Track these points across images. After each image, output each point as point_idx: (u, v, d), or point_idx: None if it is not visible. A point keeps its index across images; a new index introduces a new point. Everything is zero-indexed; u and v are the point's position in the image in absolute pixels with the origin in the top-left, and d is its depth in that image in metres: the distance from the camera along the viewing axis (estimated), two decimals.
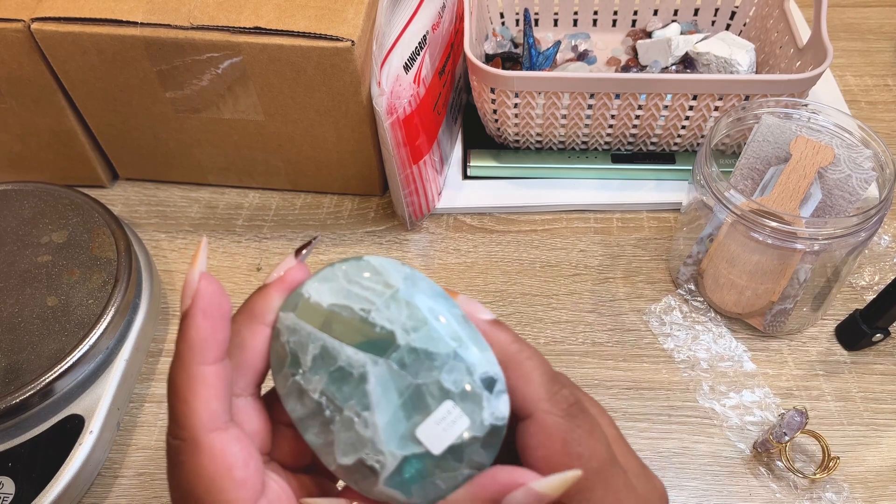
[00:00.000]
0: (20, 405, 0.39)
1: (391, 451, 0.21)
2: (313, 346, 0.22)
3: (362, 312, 0.22)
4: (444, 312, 0.22)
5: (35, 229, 0.46)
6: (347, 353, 0.21)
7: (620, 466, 0.22)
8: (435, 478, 0.21)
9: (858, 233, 0.40)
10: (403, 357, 0.21)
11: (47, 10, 0.45)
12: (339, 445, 0.21)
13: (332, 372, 0.22)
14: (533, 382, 0.22)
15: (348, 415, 0.21)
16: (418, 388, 0.21)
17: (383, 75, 0.45)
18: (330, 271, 0.23)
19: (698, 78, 0.49)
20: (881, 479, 0.41)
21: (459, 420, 0.21)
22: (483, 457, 0.22)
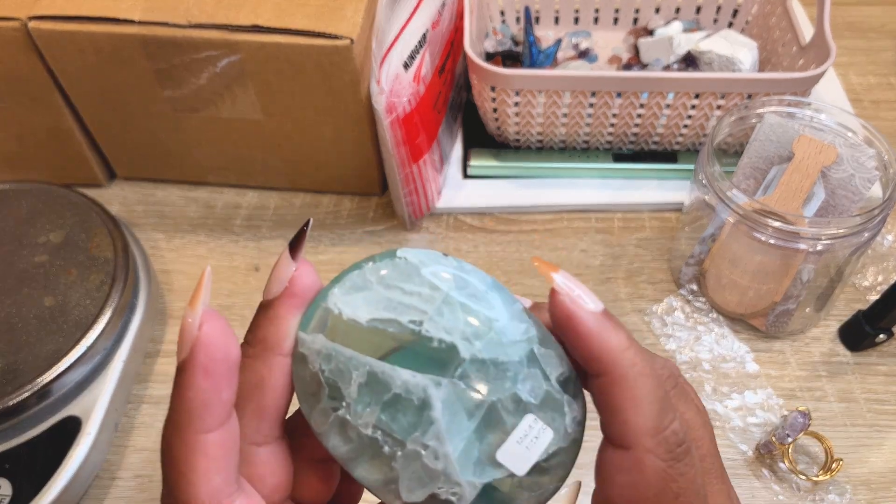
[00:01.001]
0: (17, 406, 0.39)
1: (469, 481, 0.18)
2: (357, 373, 0.18)
3: (412, 325, 0.19)
4: (505, 310, 0.19)
5: (32, 229, 0.46)
6: (403, 378, 0.18)
7: None
8: (520, 500, 0.19)
9: (861, 233, 0.40)
10: (469, 372, 0.18)
11: (44, 9, 0.45)
12: (405, 482, 0.18)
13: (386, 401, 0.18)
14: (641, 410, 0.18)
15: (413, 448, 0.18)
16: (492, 405, 0.18)
17: (383, 74, 0.44)
18: (359, 276, 0.19)
19: (700, 76, 0.49)
20: (884, 480, 0.41)
21: (543, 434, 0.19)
22: (567, 466, 0.19)
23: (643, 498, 0.18)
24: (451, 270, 0.20)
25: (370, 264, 0.20)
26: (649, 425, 0.18)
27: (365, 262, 0.20)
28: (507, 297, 0.20)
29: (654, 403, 0.18)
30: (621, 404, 0.18)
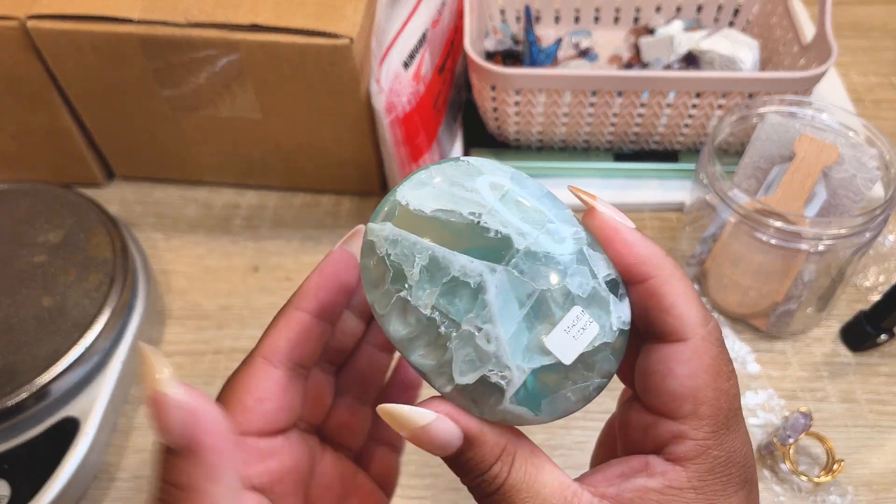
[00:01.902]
0: (15, 407, 0.39)
1: (518, 365, 0.19)
2: (420, 256, 0.20)
3: (472, 217, 0.20)
4: (558, 213, 0.21)
5: (31, 229, 0.46)
6: (461, 262, 0.19)
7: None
8: (566, 390, 0.20)
9: (863, 233, 0.40)
10: (521, 262, 0.19)
11: (43, 8, 0.45)
12: (458, 363, 0.19)
13: (445, 283, 0.19)
14: (693, 304, 0.20)
15: (467, 329, 0.19)
16: (542, 295, 0.19)
17: (382, 73, 0.44)
18: (426, 175, 0.21)
19: (701, 76, 0.49)
20: (886, 481, 0.41)
21: (590, 326, 0.20)
22: (612, 364, 0.20)
23: (704, 384, 0.20)
24: (510, 175, 0.21)
25: (436, 166, 0.21)
26: (701, 317, 0.20)
27: (431, 165, 0.21)
28: (558, 204, 0.21)
29: (697, 299, 0.21)
30: (674, 300, 0.20)
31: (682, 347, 0.20)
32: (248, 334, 0.48)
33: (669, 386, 0.20)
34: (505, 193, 0.20)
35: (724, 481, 0.20)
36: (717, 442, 0.20)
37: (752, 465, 0.21)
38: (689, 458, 0.20)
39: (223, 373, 0.46)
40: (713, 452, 0.20)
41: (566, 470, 0.21)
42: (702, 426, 0.20)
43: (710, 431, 0.20)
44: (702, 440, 0.20)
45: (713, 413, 0.20)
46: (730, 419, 0.20)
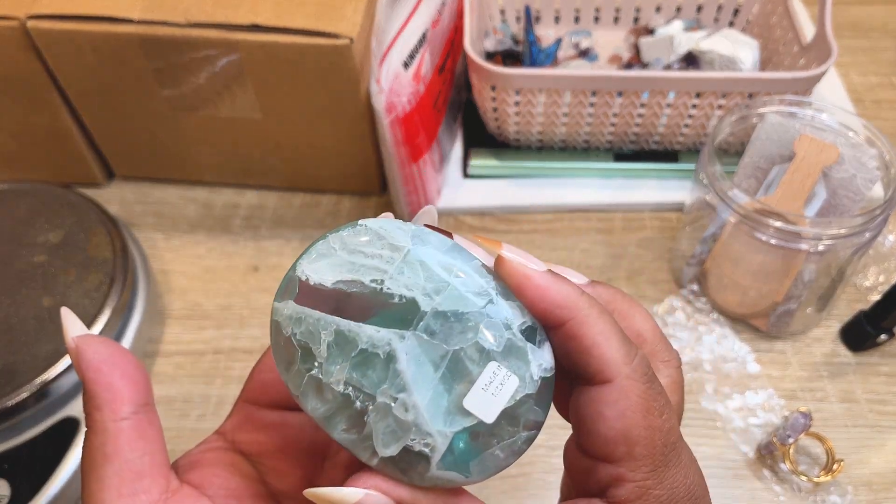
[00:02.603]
0: (15, 407, 0.39)
1: (440, 430, 0.19)
2: (325, 332, 0.19)
3: (374, 284, 0.20)
4: (464, 267, 0.20)
5: (31, 229, 0.46)
6: (368, 333, 0.19)
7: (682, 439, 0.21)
8: (493, 448, 0.19)
9: (863, 233, 0.40)
10: (431, 324, 0.19)
11: (43, 8, 0.45)
12: (379, 436, 0.19)
13: (354, 357, 0.19)
14: (613, 342, 0.20)
15: (382, 401, 0.19)
16: (455, 355, 0.19)
17: (382, 73, 0.44)
18: (324, 245, 0.21)
19: (701, 76, 0.49)
20: (885, 481, 0.41)
21: (508, 380, 0.19)
22: (538, 414, 0.20)
23: (634, 424, 0.19)
24: (411, 233, 0.21)
25: (334, 234, 0.21)
26: (623, 353, 0.20)
27: (329, 233, 0.21)
28: (466, 256, 0.21)
29: (619, 336, 0.20)
30: (594, 340, 0.19)
31: (607, 389, 0.20)
32: (247, 334, 0.48)
33: (600, 430, 0.20)
34: (406, 254, 0.20)
35: None
36: (656, 481, 0.19)
37: (699, 493, 0.21)
38: (630, 500, 0.19)
39: (223, 372, 0.46)
40: (654, 492, 0.19)
41: (559, 472, 0.21)
42: (638, 467, 0.19)
43: (649, 471, 0.19)
44: (640, 481, 0.19)
45: (648, 452, 0.19)
46: (667, 455, 0.20)
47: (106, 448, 0.20)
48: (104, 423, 0.21)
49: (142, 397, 0.22)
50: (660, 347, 0.22)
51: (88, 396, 0.21)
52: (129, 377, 0.21)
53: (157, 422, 0.22)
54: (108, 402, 0.21)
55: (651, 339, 0.22)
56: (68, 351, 0.21)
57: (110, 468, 0.20)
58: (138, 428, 0.21)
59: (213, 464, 0.23)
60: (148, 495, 0.20)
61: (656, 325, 0.23)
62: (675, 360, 0.23)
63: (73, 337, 0.21)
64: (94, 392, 0.21)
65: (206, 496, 0.22)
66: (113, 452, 0.20)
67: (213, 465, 0.23)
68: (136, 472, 0.20)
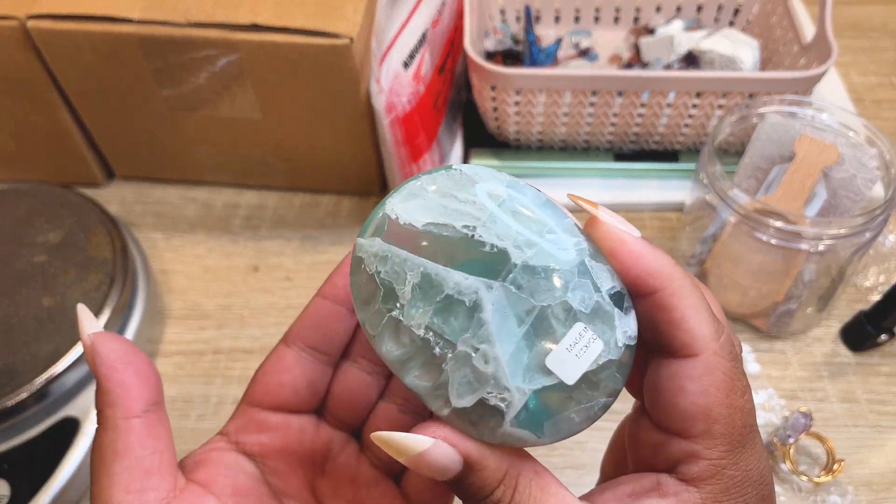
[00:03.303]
0: (15, 407, 0.39)
1: (518, 387, 0.18)
2: (412, 273, 0.19)
3: (466, 230, 0.19)
4: (558, 223, 0.19)
5: (30, 229, 0.46)
6: (455, 279, 0.18)
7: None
8: (569, 411, 0.19)
9: (863, 233, 0.39)
10: (520, 277, 0.18)
11: (43, 7, 0.45)
12: (455, 386, 0.18)
13: (438, 302, 0.18)
14: (704, 317, 0.19)
15: (463, 350, 0.18)
16: (542, 312, 0.18)
17: (382, 73, 0.44)
18: (417, 186, 0.20)
19: (701, 75, 0.49)
20: (886, 481, 0.41)
21: (593, 343, 0.18)
22: (618, 382, 0.19)
23: (716, 402, 0.19)
24: (507, 182, 0.20)
25: (427, 175, 0.20)
26: (713, 330, 0.19)
27: (422, 174, 0.20)
28: (559, 213, 0.20)
29: (708, 311, 0.19)
30: (684, 313, 0.19)
31: (693, 363, 0.19)
32: (247, 334, 0.48)
33: (681, 404, 0.19)
34: (501, 203, 0.19)
35: (740, 502, 0.19)
36: (732, 461, 0.19)
37: (769, 481, 0.20)
38: (703, 478, 0.19)
39: (223, 372, 0.46)
40: (728, 472, 0.19)
41: (565, 470, 0.21)
42: (716, 445, 0.19)
43: (725, 451, 0.19)
44: (716, 460, 0.19)
45: (727, 431, 0.19)
46: (745, 437, 0.19)
47: (117, 445, 0.21)
48: (116, 420, 0.21)
49: (154, 396, 0.22)
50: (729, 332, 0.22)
51: (102, 393, 0.21)
52: (142, 375, 0.22)
53: (167, 421, 0.22)
54: (121, 400, 0.21)
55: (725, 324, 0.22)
56: (83, 347, 0.22)
57: (120, 465, 0.20)
58: (149, 426, 0.21)
59: (218, 463, 0.23)
60: (156, 492, 0.21)
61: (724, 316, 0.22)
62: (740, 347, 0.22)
63: (88, 333, 0.22)
64: (107, 389, 0.21)
65: (212, 494, 0.22)
66: (124, 449, 0.21)
67: (218, 464, 0.23)
68: (146, 470, 0.21)
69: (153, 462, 0.21)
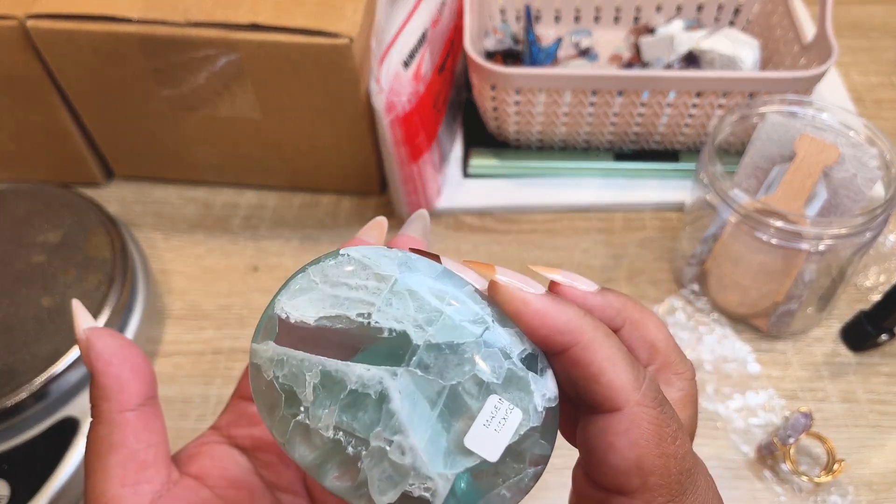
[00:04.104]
0: (15, 407, 0.39)
1: (440, 473, 0.17)
2: (310, 374, 0.18)
3: (361, 318, 0.18)
4: (457, 293, 0.19)
5: (30, 229, 0.46)
6: (357, 372, 0.18)
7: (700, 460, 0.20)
8: (498, 488, 0.18)
9: (864, 232, 0.39)
10: (424, 358, 0.18)
11: (42, 7, 0.45)
12: (375, 483, 0.18)
13: (343, 399, 0.18)
14: (621, 367, 0.18)
15: (377, 445, 0.18)
16: (453, 390, 0.18)
17: (382, 72, 0.44)
18: (304, 279, 0.19)
19: (702, 75, 0.49)
20: (886, 481, 0.41)
21: (511, 413, 0.18)
22: (545, 448, 0.19)
23: (647, 453, 0.18)
24: (397, 260, 0.19)
25: (314, 265, 0.19)
26: (632, 378, 0.18)
27: (309, 265, 0.19)
28: (458, 282, 0.19)
29: (626, 359, 0.19)
30: (601, 367, 0.18)
31: (617, 417, 0.18)
32: (247, 334, 0.48)
33: (612, 460, 0.18)
34: (394, 283, 0.18)
35: None
36: None
37: None
38: None
39: (223, 372, 0.46)
40: None
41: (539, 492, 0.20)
42: (654, 498, 0.18)
43: (666, 501, 0.18)
44: None
45: (664, 482, 0.18)
46: (683, 483, 0.19)
47: (112, 438, 0.21)
48: (111, 414, 0.21)
49: (148, 390, 0.22)
50: (673, 358, 0.21)
51: (97, 387, 0.21)
52: (137, 370, 0.22)
53: (161, 415, 0.22)
54: (116, 394, 0.21)
55: (664, 349, 0.21)
56: (78, 342, 0.22)
57: (115, 458, 0.21)
58: (144, 420, 0.21)
59: (211, 456, 0.24)
60: (151, 485, 0.21)
61: (670, 335, 0.22)
62: (689, 372, 0.22)
63: (83, 329, 0.22)
64: (102, 383, 0.21)
65: (206, 486, 0.22)
66: (119, 442, 0.21)
67: (211, 457, 0.23)
68: (141, 463, 0.21)
69: (148, 455, 0.21)
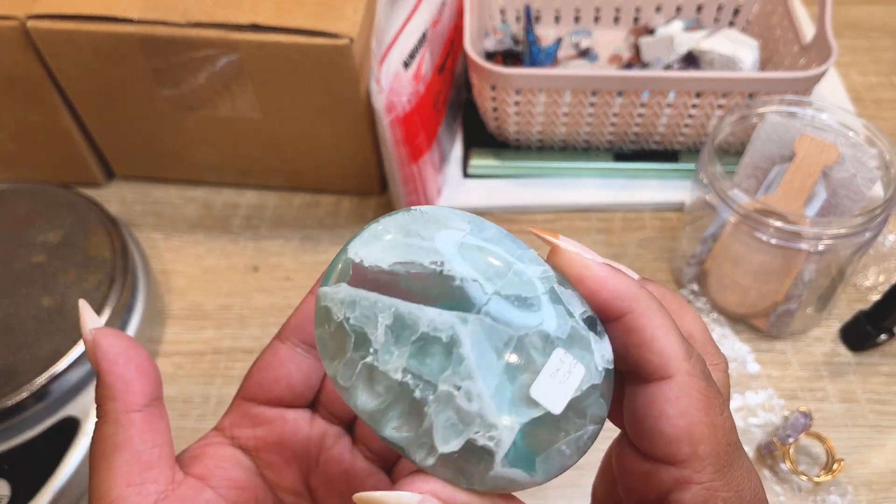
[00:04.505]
0: (15, 407, 0.39)
1: (506, 423, 0.17)
2: (383, 315, 0.18)
3: (434, 266, 0.18)
4: (522, 254, 0.19)
5: (30, 229, 0.46)
6: (430, 316, 0.18)
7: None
8: (559, 443, 0.18)
9: (863, 232, 0.39)
10: (493, 309, 0.18)
11: (43, 7, 0.45)
12: (439, 430, 0.17)
13: (414, 342, 0.18)
14: (673, 337, 0.19)
15: (445, 389, 0.17)
16: (520, 341, 0.18)
17: (382, 73, 0.44)
18: (377, 228, 0.19)
19: (701, 75, 0.49)
20: (885, 481, 0.41)
21: (575, 368, 0.18)
22: (603, 408, 0.19)
23: (697, 421, 0.18)
24: (468, 219, 0.20)
25: (387, 217, 0.20)
26: (683, 350, 0.19)
27: (382, 217, 0.20)
28: (521, 244, 0.20)
29: (677, 331, 0.19)
30: (654, 334, 0.19)
31: (668, 385, 0.18)
32: (248, 334, 0.48)
33: (662, 429, 0.18)
34: (465, 237, 0.19)
35: None
36: (723, 482, 0.18)
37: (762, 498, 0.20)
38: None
39: (223, 372, 0.46)
40: (721, 494, 0.18)
41: None
42: (704, 468, 0.18)
43: (715, 472, 0.18)
44: (707, 483, 0.18)
45: (713, 451, 0.18)
46: (731, 455, 0.19)
47: (117, 438, 0.21)
48: (117, 414, 0.21)
49: (154, 391, 0.22)
50: (709, 349, 0.21)
51: (103, 387, 0.21)
52: (142, 371, 0.22)
53: (166, 416, 0.22)
54: (122, 394, 0.21)
55: (701, 340, 0.21)
56: (84, 342, 0.22)
57: (120, 457, 0.21)
58: (149, 420, 0.22)
59: (215, 457, 0.23)
60: (156, 485, 0.21)
61: (706, 327, 0.22)
62: (724, 364, 0.22)
63: (90, 329, 0.22)
64: (109, 383, 0.21)
65: (210, 487, 0.22)
66: (124, 442, 0.21)
67: (215, 458, 0.23)
68: (146, 463, 0.21)
69: (153, 456, 0.21)
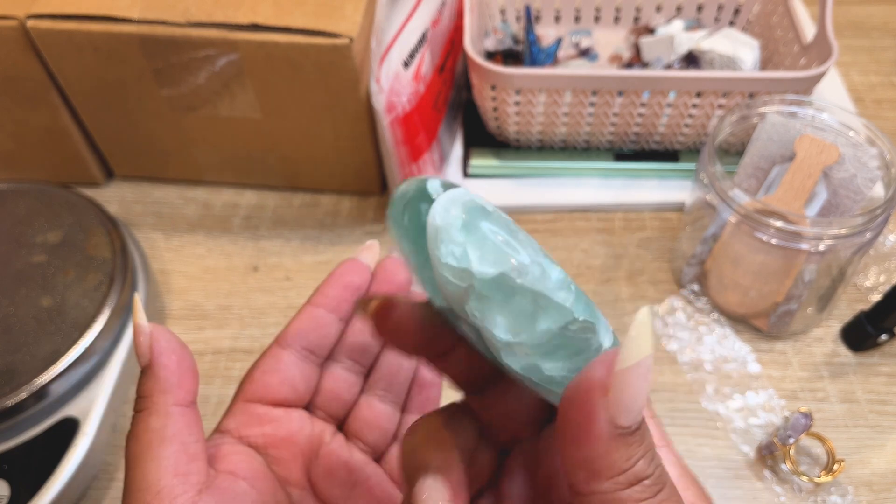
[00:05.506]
0: (15, 407, 0.39)
1: None
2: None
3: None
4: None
5: (30, 229, 0.46)
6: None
7: None
8: None
9: (864, 233, 0.39)
10: None
11: (43, 7, 0.45)
12: None
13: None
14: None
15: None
16: None
17: (382, 72, 0.44)
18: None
19: (702, 75, 0.49)
20: (886, 481, 0.41)
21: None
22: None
23: None
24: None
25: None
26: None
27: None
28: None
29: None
30: None
31: None
32: (247, 334, 0.48)
33: None
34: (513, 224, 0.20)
35: None
36: None
37: None
38: None
39: (223, 372, 0.46)
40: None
41: None
42: None
43: None
44: None
45: None
46: None
47: (167, 430, 0.22)
48: (168, 407, 0.22)
49: (197, 390, 0.24)
50: None
51: (156, 380, 0.22)
52: (192, 370, 0.23)
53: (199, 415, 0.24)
54: (175, 388, 0.23)
55: None
56: (139, 334, 0.23)
57: (169, 448, 0.22)
58: (194, 416, 0.23)
59: (237, 454, 0.25)
60: (198, 476, 0.22)
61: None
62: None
63: (147, 324, 0.23)
64: (163, 376, 0.23)
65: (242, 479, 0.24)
66: (173, 434, 0.22)
67: (237, 454, 0.25)
68: (191, 455, 0.22)
69: (197, 449, 0.22)
